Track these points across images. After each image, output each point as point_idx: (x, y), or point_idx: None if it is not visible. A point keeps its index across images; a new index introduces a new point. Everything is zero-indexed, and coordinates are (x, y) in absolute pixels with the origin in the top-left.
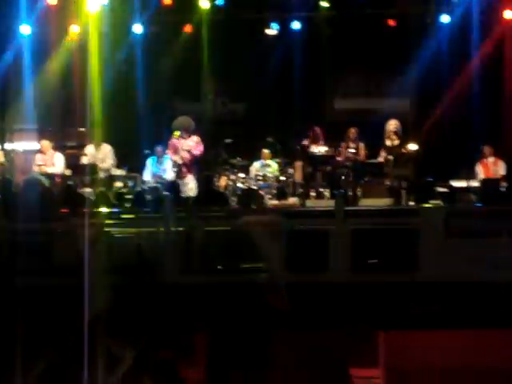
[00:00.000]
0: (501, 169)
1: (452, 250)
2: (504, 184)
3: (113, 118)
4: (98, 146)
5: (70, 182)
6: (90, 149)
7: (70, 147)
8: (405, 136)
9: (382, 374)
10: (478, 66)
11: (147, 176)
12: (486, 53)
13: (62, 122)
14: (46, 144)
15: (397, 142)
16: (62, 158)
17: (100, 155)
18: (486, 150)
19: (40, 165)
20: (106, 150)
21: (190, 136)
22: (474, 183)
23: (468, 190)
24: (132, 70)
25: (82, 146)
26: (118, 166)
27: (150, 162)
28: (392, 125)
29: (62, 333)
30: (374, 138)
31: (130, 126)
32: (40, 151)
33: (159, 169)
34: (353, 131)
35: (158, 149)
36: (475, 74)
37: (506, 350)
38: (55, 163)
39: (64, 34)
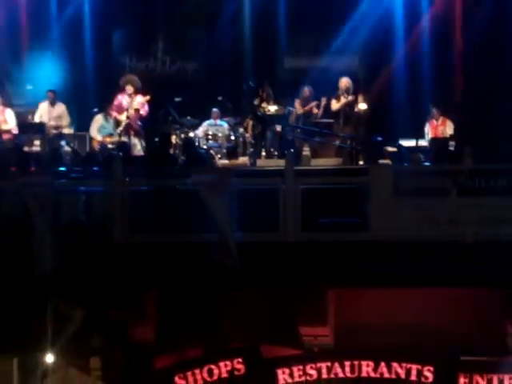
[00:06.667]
0: (449, 128)
1: (401, 209)
2: (452, 143)
3: (61, 76)
4: (53, 103)
5: (17, 141)
6: (44, 106)
7: (19, 105)
8: (355, 95)
9: (331, 331)
10: (428, 24)
11: (95, 133)
12: (436, 11)
13: (11, 80)
14: None
15: (350, 98)
16: (12, 114)
17: (55, 113)
18: (435, 110)
19: None
20: (62, 108)
21: (136, 95)
22: (423, 143)
23: (417, 149)
24: (81, 27)
25: (30, 104)
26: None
27: (99, 119)
28: (343, 82)
29: (10, 291)
30: (324, 96)
31: (79, 85)
32: None
33: (112, 126)
34: (306, 90)
35: (109, 107)
36: (425, 33)
37: (453, 309)
38: (7, 120)
39: None
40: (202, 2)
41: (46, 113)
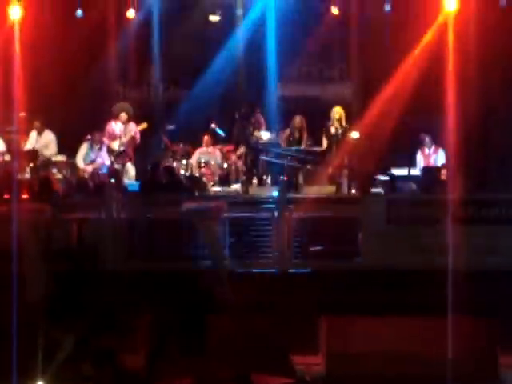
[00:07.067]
0: (441, 157)
1: (393, 238)
2: (444, 172)
3: (54, 103)
4: (40, 132)
5: (9, 168)
6: (33, 135)
7: (10, 132)
8: (348, 124)
9: (323, 360)
10: (420, 54)
11: (81, 162)
12: (427, 40)
13: (2, 106)
14: None
15: (340, 130)
16: (0, 139)
17: (43, 142)
18: (426, 138)
19: None
20: (49, 137)
21: (129, 122)
22: (415, 171)
23: (409, 178)
24: (74, 55)
25: (21, 131)
26: (60, 153)
27: (84, 147)
28: (336, 112)
29: (1, 318)
30: (316, 124)
31: (72, 112)
32: None
33: (96, 154)
34: (298, 120)
35: (96, 135)
36: (417, 63)
37: (445, 338)
38: None
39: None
40: (195, 29)
41: (33, 142)
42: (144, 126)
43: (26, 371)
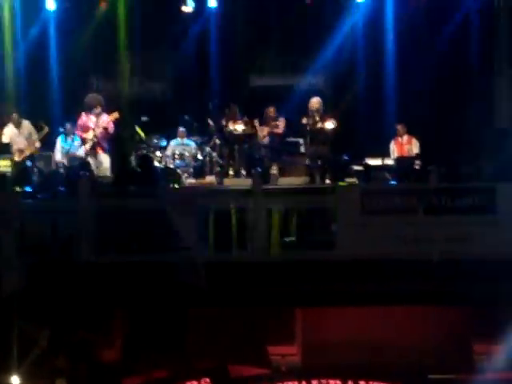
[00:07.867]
0: (415, 147)
1: (368, 228)
2: (418, 162)
3: (27, 95)
4: (18, 125)
5: None
6: (9, 128)
7: None
8: (323, 114)
9: (298, 350)
10: (392, 44)
11: (58, 155)
12: (398, 32)
13: None
14: None
15: (318, 120)
16: None
17: (26, 132)
18: (400, 128)
19: None
20: (28, 125)
21: (102, 114)
22: (389, 161)
23: (383, 168)
24: (46, 47)
25: None
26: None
27: (59, 139)
28: (314, 103)
29: None
30: (290, 115)
31: (45, 104)
32: None
33: (70, 145)
34: (271, 110)
35: (68, 126)
36: (389, 53)
37: (420, 327)
38: None
39: None
40: (168, 21)
41: (15, 135)
42: (115, 115)
43: (2, 365)
